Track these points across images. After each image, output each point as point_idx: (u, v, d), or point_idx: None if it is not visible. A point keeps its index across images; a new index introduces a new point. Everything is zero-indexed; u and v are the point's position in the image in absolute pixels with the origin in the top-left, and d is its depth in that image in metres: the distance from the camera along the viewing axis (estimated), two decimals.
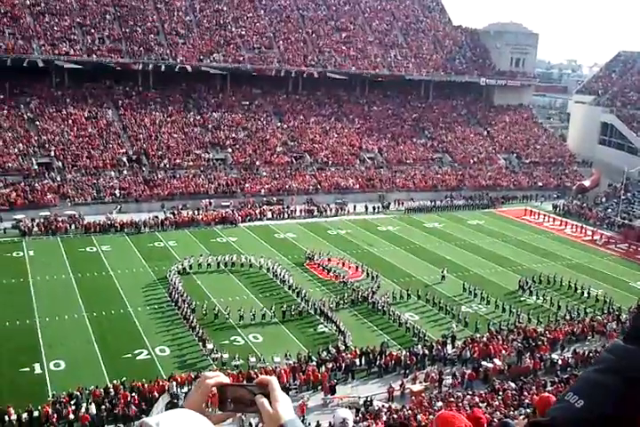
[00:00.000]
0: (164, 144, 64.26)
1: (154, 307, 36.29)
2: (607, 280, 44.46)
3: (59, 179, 56.23)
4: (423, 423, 23.05)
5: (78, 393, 26.06)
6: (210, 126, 69.13)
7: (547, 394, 6.28)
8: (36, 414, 24.92)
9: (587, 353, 32.40)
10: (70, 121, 63.68)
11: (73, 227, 50.35)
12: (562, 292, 41.51)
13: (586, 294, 40.85)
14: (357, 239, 51.97)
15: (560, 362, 31.65)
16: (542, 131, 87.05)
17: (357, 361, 30.80)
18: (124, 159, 61.11)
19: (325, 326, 34.82)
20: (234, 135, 68.77)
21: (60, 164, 57.97)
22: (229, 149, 66.47)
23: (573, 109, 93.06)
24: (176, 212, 54.86)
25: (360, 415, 25.34)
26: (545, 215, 62.36)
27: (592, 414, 1.37)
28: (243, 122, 71.26)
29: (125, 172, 59.58)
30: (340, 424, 5.90)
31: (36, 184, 54.66)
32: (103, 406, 25.56)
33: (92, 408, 25.33)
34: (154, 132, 65.61)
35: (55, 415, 24.72)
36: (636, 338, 1.45)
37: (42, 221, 50.02)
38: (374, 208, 61.33)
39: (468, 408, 22.62)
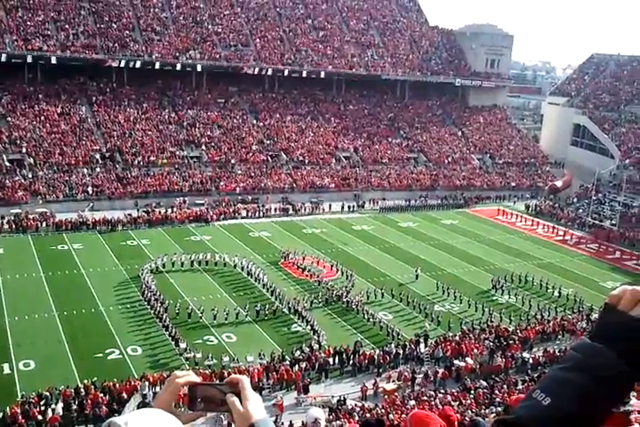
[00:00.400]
0: (137, 141, 63.68)
1: (126, 306, 35.94)
2: (578, 280, 45.06)
3: (30, 176, 55.43)
4: (395, 422, 23.15)
5: (48, 393, 25.72)
6: (185, 124, 68.67)
7: (523, 395, 6.33)
8: (1, 415, 24.52)
9: (557, 352, 32.79)
10: (43, 117, 62.81)
11: (44, 224, 49.69)
12: (533, 291, 41.98)
13: (557, 294, 41.37)
14: (332, 238, 52.02)
15: (531, 361, 32.00)
16: (516, 132, 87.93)
17: (331, 360, 30.84)
18: (97, 156, 60.44)
19: (299, 326, 34.79)
20: (209, 133, 68.41)
21: (32, 160, 57.15)
22: (204, 147, 66.09)
23: (547, 111, 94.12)
24: (149, 210, 54.39)
25: (333, 415, 25.37)
26: (517, 215, 63.02)
27: (559, 411, 1.37)
28: (218, 120, 70.91)
29: (98, 169, 58.92)
30: (313, 424, 5.89)
31: (7, 181, 53.83)
32: (73, 407, 25.22)
33: (59, 408, 24.99)
34: (128, 129, 64.98)
35: (22, 417, 24.32)
36: (602, 336, 1.46)
37: (12, 218, 49.28)
38: (349, 207, 61.45)
39: (440, 407, 22.76)
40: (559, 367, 1.48)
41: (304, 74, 78.43)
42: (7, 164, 56.04)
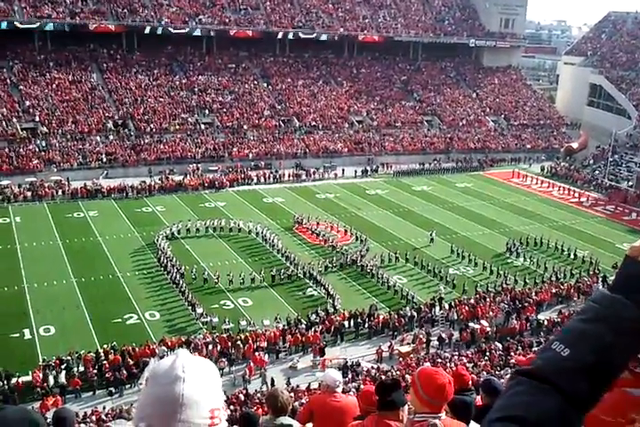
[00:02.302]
0: (150, 108, 63.44)
1: (143, 272, 36.33)
2: (593, 242, 44.84)
3: (44, 144, 55.53)
4: (410, 383, 23.42)
5: (69, 357, 26.22)
6: (196, 90, 68.20)
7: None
8: (27, 378, 25.07)
9: (572, 314, 32.85)
10: (54, 85, 62.63)
11: (59, 193, 49.97)
12: (548, 253, 41.86)
13: (572, 256, 41.22)
14: (346, 203, 51.96)
15: (546, 323, 32.08)
16: (531, 93, 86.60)
17: (346, 323, 31.10)
18: (110, 124, 60.35)
19: (314, 290, 35.04)
20: (220, 99, 67.96)
21: (45, 129, 57.19)
22: (216, 113, 65.75)
23: (562, 71, 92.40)
24: (163, 177, 54.50)
25: (349, 376, 25.70)
26: (533, 177, 62.50)
27: (577, 362, 1.38)
28: (229, 85, 70.36)
29: (111, 136, 58.91)
30: (331, 385, 5.91)
31: (21, 150, 53.99)
32: (94, 370, 25.69)
33: (62, 377, 25.38)
34: (139, 96, 64.70)
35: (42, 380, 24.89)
36: (622, 288, 1.46)
37: (28, 186, 49.59)
38: (363, 172, 61.18)
39: (454, 368, 22.96)
40: (578, 319, 1.47)
41: (318, 37, 77.20)
42: (21, 132, 56.11)
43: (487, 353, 28.28)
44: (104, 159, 55.79)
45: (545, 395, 1.37)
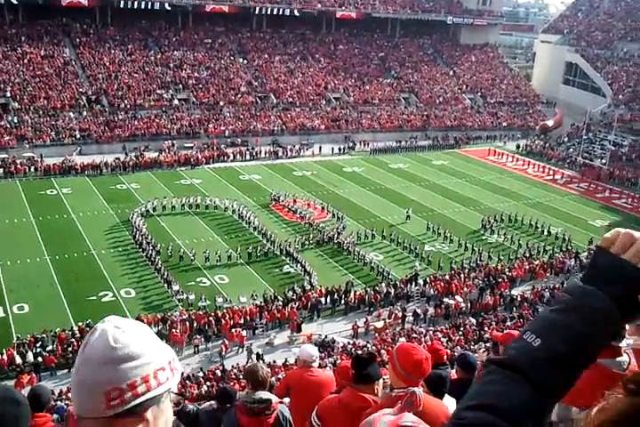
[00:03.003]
0: (124, 84, 62.44)
1: (117, 249, 36.07)
2: (567, 219, 45.43)
3: (16, 120, 54.46)
4: (386, 358, 23.69)
5: (44, 335, 26.07)
6: (171, 65, 67.22)
7: (513, 331, 6.43)
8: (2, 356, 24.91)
9: (544, 289, 33.37)
10: (26, 60, 61.28)
11: (32, 169, 49.19)
12: (523, 230, 42.34)
13: (546, 233, 41.75)
14: (323, 180, 51.91)
15: (519, 298, 32.57)
16: (508, 70, 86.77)
17: (323, 300, 31.28)
18: (84, 100, 59.35)
19: (291, 267, 35.12)
20: (196, 74, 67.10)
21: (17, 104, 56.06)
22: (192, 89, 64.97)
23: (539, 49, 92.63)
24: (138, 153, 53.88)
25: (325, 352, 25.91)
26: (508, 155, 62.90)
27: (548, 352, 1.41)
28: (205, 60, 69.46)
29: (85, 112, 57.94)
30: (307, 360, 5.94)
31: None
32: (69, 348, 25.59)
33: (30, 356, 25.22)
34: (113, 72, 63.61)
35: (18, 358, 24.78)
36: (593, 279, 1.48)
37: (0, 163, 48.74)
38: (340, 149, 61.06)
39: (429, 343, 23.27)
40: (550, 309, 1.50)
41: (295, 12, 76.34)
42: None
43: (461, 328, 28.69)
44: (77, 136, 54.94)
45: (517, 384, 1.40)
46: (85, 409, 1.61)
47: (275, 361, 25.56)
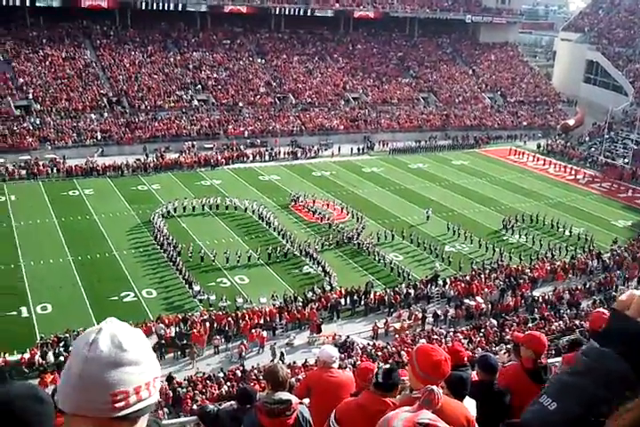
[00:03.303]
0: (144, 85, 62.92)
1: (139, 250, 36.35)
2: (589, 219, 44.98)
3: (38, 122, 55.11)
4: (406, 360, 23.63)
5: (67, 335, 26.34)
6: (191, 66, 67.60)
7: (534, 332, 6.40)
8: (26, 355, 25.21)
9: (565, 291, 33.07)
10: (47, 62, 61.96)
11: (54, 171, 49.74)
12: (544, 231, 41.99)
13: (567, 233, 41.36)
14: (342, 181, 51.88)
15: (541, 300, 32.29)
16: (528, 69, 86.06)
17: (342, 301, 31.27)
18: (105, 101, 59.88)
19: (311, 267, 35.15)
20: (215, 75, 67.42)
21: (39, 106, 56.72)
22: (211, 90, 65.27)
23: (559, 47, 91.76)
24: (159, 154, 54.26)
25: (345, 353, 25.90)
26: (529, 155, 62.43)
27: (564, 415, 1.41)
28: (224, 61, 69.76)
29: (106, 114, 58.47)
30: (327, 361, 5.95)
31: (15, 128, 53.57)
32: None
33: (50, 355, 25.44)
34: (133, 73, 64.10)
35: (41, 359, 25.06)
36: (609, 340, 1.49)
37: (22, 165, 49.33)
38: (359, 149, 60.99)
39: (449, 344, 23.18)
40: (566, 371, 1.51)
41: (314, 13, 76.40)
42: (15, 110, 55.64)
43: (482, 329, 28.51)
44: (99, 137, 55.45)
45: None
46: (85, 408, 1.61)
47: (295, 362, 25.61)
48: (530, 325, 28.54)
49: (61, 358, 25.28)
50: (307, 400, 5.67)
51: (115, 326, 1.71)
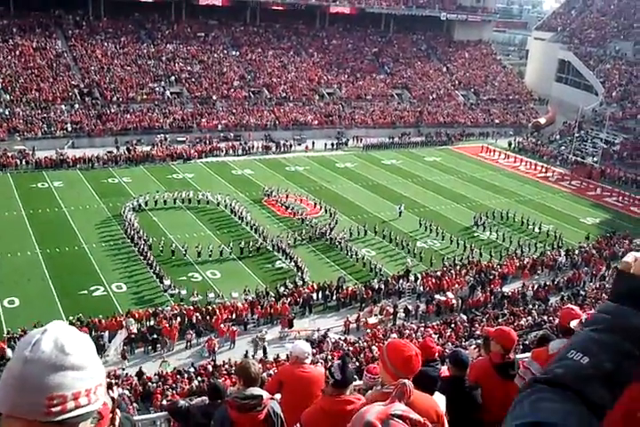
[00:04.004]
0: (116, 77, 62.15)
1: (109, 244, 35.96)
2: (558, 216, 45.59)
3: (7, 113, 54.13)
4: (377, 354, 23.75)
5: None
6: (164, 58, 66.95)
7: (504, 327, 6.47)
8: None
9: (536, 287, 33.51)
10: (17, 52, 60.85)
11: (23, 162, 48.93)
12: (514, 227, 42.47)
13: (537, 230, 41.89)
14: (315, 176, 51.87)
15: (510, 295, 32.67)
16: (501, 67, 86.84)
17: (315, 296, 31.30)
18: (76, 92, 59.03)
19: (283, 262, 35.11)
20: (189, 68, 66.85)
21: (8, 96, 55.72)
22: (185, 83, 64.73)
23: (532, 46, 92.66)
24: (130, 147, 53.68)
25: (317, 348, 25.94)
26: (500, 152, 63.03)
27: (598, 370, 1.43)
28: (199, 54, 69.19)
29: (77, 105, 57.65)
30: (300, 356, 5.94)
31: None
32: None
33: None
34: (106, 64, 63.27)
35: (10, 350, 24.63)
36: (627, 297, 1.54)
37: None
38: (333, 145, 61.02)
39: (420, 339, 23.36)
40: (591, 329, 1.54)
41: (289, 6, 76.15)
42: None
43: (452, 325, 28.78)
44: (69, 128, 54.67)
45: (571, 402, 1.40)
46: (20, 409, 1.56)
47: (266, 357, 25.58)
48: (499, 320, 28.87)
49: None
50: (278, 396, 5.66)
51: (60, 328, 1.65)
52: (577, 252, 38.15)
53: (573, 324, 4.64)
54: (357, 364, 22.66)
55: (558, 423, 1.36)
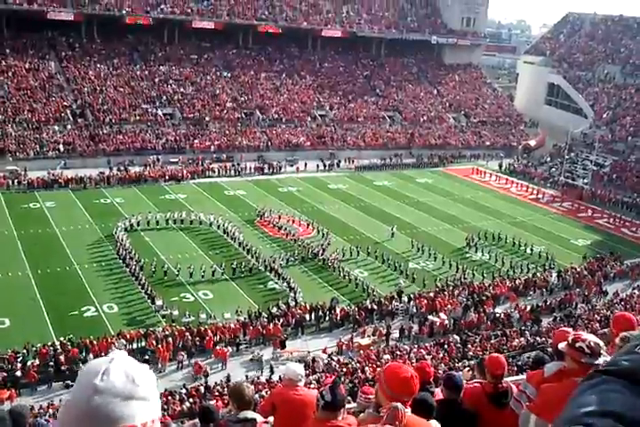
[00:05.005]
0: (109, 98, 62.38)
1: (101, 264, 35.80)
2: (549, 237, 45.75)
3: None
4: (370, 376, 23.64)
5: (25, 350, 25.73)
6: (157, 80, 67.31)
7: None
8: None
9: (529, 307, 33.52)
10: (10, 73, 61.04)
11: (15, 182, 48.84)
12: (506, 248, 42.58)
13: (529, 251, 42.02)
14: (308, 197, 51.99)
15: (502, 316, 32.65)
16: (491, 90, 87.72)
17: (307, 316, 31.19)
18: (68, 113, 59.17)
19: (276, 283, 35.03)
20: (182, 90, 67.21)
21: (1, 117, 55.75)
22: (177, 104, 65.03)
23: (521, 70, 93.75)
24: (122, 168, 53.70)
25: (310, 369, 25.79)
26: (491, 174, 63.45)
27: None
28: (191, 76, 69.62)
29: (69, 126, 57.75)
30: (293, 378, 5.91)
31: None
32: (51, 363, 25.27)
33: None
34: (98, 86, 63.52)
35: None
36: None
37: None
38: (325, 166, 61.27)
39: (414, 361, 23.27)
40: None
41: (281, 30, 76.93)
42: None
43: (445, 346, 28.69)
44: (62, 149, 54.69)
45: (638, 395, 1.39)
46: None
47: (258, 377, 25.40)
48: (492, 341, 28.83)
49: (18, 374, 24.66)
50: (271, 418, 5.64)
51: (126, 358, 1.66)
52: (569, 273, 38.24)
53: (561, 346, 4.66)
54: (350, 385, 22.54)
55: (629, 415, 1.34)
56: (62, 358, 25.61)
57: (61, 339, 26.87)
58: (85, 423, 1.54)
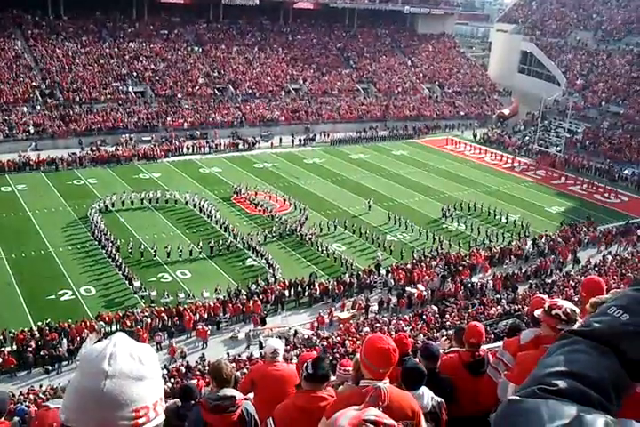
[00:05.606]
0: (78, 77, 61.19)
1: (76, 247, 35.45)
2: (524, 206, 46.17)
3: None
4: (350, 349, 23.86)
5: (1, 336, 25.52)
6: (127, 57, 66.09)
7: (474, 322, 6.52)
8: None
9: (505, 276, 33.91)
10: None
11: None
12: (482, 218, 42.91)
13: (504, 220, 42.39)
14: (284, 172, 51.77)
15: (479, 285, 33.01)
16: (464, 60, 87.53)
17: (286, 292, 31.27)
18: (37, 93, 57.99)
19: (254, 260, 35.01)
20: (153, 66, 66.11)
21: None
22: (149, 81, 64.00)
23: (494, 38, 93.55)
24: (95, 148, 52.95)
25: (290, 345, 25.94)
26: (466, 144, 63.61)
27: (636, 328, 1.45)
28: (162, 52, 68.45)
29: (39, 107, 56.66)
30: (272, 354, 5.93)
31: None
32: (29, 349, 25.11)
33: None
34: (67, 64, 62.22)
35: None
36: None
37: None
38: (300, 140, 60.94)
39: (393, 333, 23.49)
40: (634, 289, 1.55)
41: (252, 2, 75.67)
42: None
43: (424, 316, 28.99)
44: (32, 131, 53.68)
45: (605, 356, 1.42)
46: (102, 424, 1.53)
47: (240, 355, 25.50)
48: (470, 310, 29.17)
49: None
50: (251, 395, 5.64)
51: (127, 339, 1.65)
52: (543, 240, 38.67)
53: (537, 313, 4.70)
54: (331, 358, 22.72)
55: (591, 376, 1.36)
56: (41, 342, 25.43)
57: (39, 324, 26.67)
58: (102, 409, 1.53)
